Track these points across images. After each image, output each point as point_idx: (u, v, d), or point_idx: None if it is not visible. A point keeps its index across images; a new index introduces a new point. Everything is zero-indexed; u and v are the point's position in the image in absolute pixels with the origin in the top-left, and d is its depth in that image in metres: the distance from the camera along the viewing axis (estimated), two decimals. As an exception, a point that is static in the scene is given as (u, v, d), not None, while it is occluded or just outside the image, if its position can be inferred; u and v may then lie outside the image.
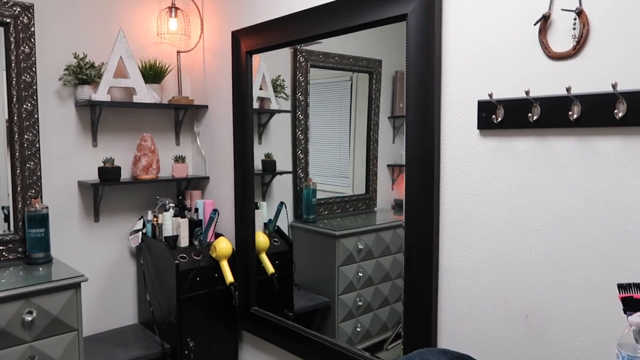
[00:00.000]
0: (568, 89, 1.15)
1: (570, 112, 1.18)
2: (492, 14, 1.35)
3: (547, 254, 1.28)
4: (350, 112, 2.60)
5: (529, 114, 1.26)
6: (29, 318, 1.79)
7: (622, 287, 1.03)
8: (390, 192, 2.56)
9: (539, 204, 1.28)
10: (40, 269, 2.06)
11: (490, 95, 1.32)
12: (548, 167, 1.26)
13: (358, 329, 2.40)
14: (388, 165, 2.53)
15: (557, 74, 1.22)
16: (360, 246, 2.45)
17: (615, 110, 1.11)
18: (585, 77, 1.17)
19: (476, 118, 1.39)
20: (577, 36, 1.18)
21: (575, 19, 1.18)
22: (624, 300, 1.02)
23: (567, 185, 1.23)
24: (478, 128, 1.39)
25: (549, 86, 1.24)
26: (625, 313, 1.01)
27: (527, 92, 1.23)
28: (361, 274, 2.43)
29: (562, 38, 1.21)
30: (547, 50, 1.23)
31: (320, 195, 2.55)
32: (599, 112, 1.14)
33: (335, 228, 2.50)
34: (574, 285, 1.24)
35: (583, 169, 1.20)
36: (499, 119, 1.32)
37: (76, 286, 1.91)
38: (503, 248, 1.37)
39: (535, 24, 1.24)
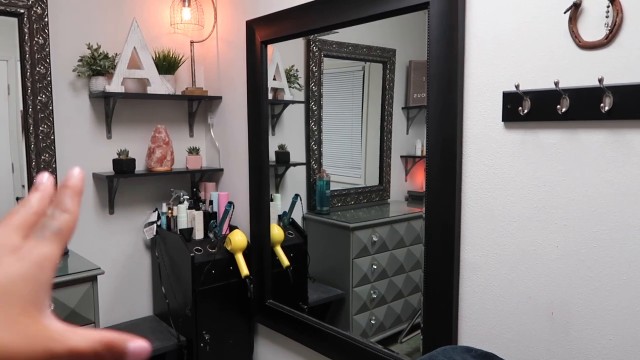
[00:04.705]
0: (600, 80, 1.11)
1: (601, 104, 1.14)
2: (519, 2, 1.30)
3: (574, 250, 1.24)
4: (363, 102, 2.56)
5: (558, 106, 1.22)
6: (46, 310, 1.79)
7: (655, 285, 1.00)
8: (403, 183, 2.54)
9: (566, 198, 1.25)
10: (57, 261, 2.06)
11: (517, 87, 1.28)
12: (576, 161, 1.22)
13: (372, 322, 2.39)
14: (401, 157, 2.50)
15: (587, 65, 1.18)
16: (375, 238, 2.43)
17: (650, 102, 1.07)
18: (617, 68, 1.13)
19: (500, 110, 1.36)
20: (609, 25, 1.13)
21: (608, 7, 1.13)
22: (657, 299, 0.99)
23: (597, 180, 1.19)
24: (502, 120, 1.35)
25: (578, 77, 1.19)
26: (659, 312, 0.98)
27: (556, 83, 1.19)
28: (375, 267, 2.41)
29: (593, 27, 1.17)
30: (578, 39, 1.19)
31: (333, 186, 2.52)
32: (633, 104, 1.10)
33: (349, 220, 2.48)
34: (602, 282, 1.20)
35: (614, 163, 1.16)
36: (525, 111, 1.28)
37: (93, 279, 1.91)
38: (528, 244, 1.33)
39: (565, 12, 1.20)
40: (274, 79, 2.40)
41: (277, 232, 2.37)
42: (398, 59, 2.47)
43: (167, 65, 2.45)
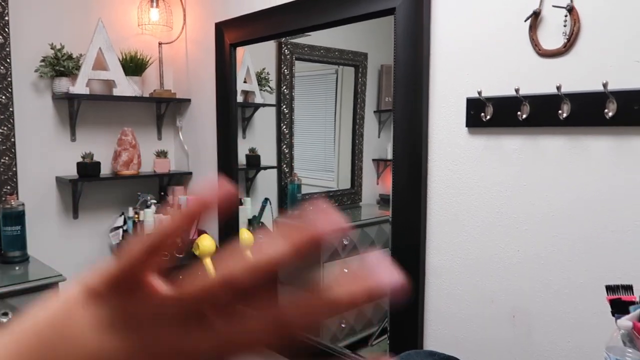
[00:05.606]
0: (558, 87, 1.13)
1: (560, 111, 1.16)
2: (482, 9, 1.32)
3: (534, 254, 1.27)
4: (336, 105, 2.56)
5: (518, 113, 1.23)
6: (4, 320, 1.73)
7: (610, 288, 1.02)
8: (375, 186, 2.55)
9: (527, 203, 1.27)
10: (17, 268, 2.00)
11: (479, 93, 1.29)
12: (536, 167, 1.25)
13: (343, 325, 2.38)
14: (373, 160, 2.51)
15: (547, 72, 1.20)
16: (345, 242, 2.43)
17: (606, 110, 1.09)
18: (575, 75, 1.16)
19: (464, 116, 1.37)
20: (567, 33, 1.16)
21: (566, 16, 1.16)
22: (612, 303, 1.01)
23: (556, 185, 1.22)
24: (466, 126, 1.37)
25: (538, 84, 1.22)
26: (613, 315, 1.00)
27: (516, 90, 1.21)
28: (346, 270, 2.41)
29: (552, 35, 1.19)
30: (538, 47, 1.21)
31: (305, 189, 2.51)
32: (589, 111, 1.12)
33: (321, 224, 2.47)
34: (561, 286, 1.22)
35: (572, 168, 1.19)
36: (488, 117, 1.30)
37: (54, 286, 1.85)
38: (490, 248, 1.35)
39: (525, 21, 1.22)
40: (245, 82, 2.38)
41: (246, 236, 2.35)
42: (370, 63, 2.48)
43: (134, 66, 2.41)
